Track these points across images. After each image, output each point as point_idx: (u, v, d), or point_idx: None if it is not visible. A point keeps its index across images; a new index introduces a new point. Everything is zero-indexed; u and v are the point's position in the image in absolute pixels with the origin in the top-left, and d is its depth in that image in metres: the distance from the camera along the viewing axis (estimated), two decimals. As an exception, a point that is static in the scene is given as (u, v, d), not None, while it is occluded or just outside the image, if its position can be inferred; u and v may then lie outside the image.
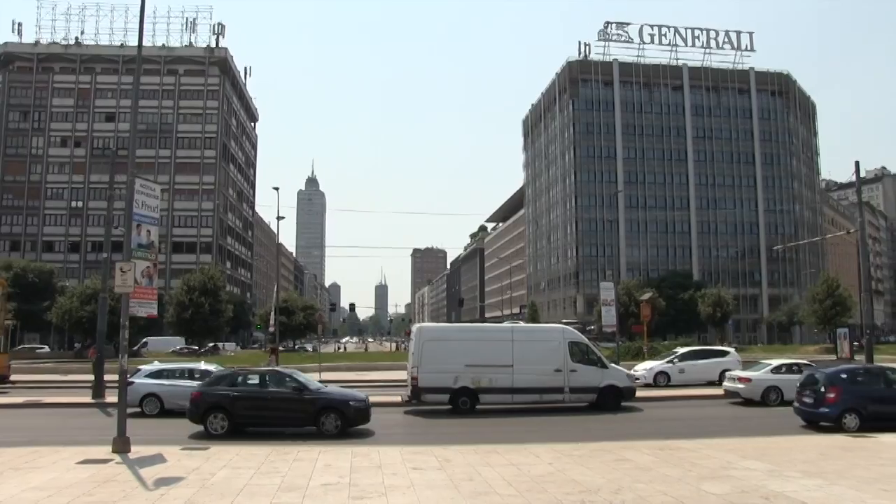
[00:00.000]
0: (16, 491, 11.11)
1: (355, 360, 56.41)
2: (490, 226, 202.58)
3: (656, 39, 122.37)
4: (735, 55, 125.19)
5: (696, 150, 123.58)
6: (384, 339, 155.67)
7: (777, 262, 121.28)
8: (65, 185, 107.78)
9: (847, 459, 13.75)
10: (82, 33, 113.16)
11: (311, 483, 11.69)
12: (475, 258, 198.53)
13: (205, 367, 25.15)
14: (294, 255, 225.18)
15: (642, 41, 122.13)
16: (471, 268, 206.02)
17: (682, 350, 36.74)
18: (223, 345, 78.03)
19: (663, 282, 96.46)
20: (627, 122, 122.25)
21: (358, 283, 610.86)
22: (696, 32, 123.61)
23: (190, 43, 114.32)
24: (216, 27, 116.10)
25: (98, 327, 28.88)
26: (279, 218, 48.48)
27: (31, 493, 10.91)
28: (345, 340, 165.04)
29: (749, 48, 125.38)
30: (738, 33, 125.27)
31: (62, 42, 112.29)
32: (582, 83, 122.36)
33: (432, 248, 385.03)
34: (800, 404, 20.08)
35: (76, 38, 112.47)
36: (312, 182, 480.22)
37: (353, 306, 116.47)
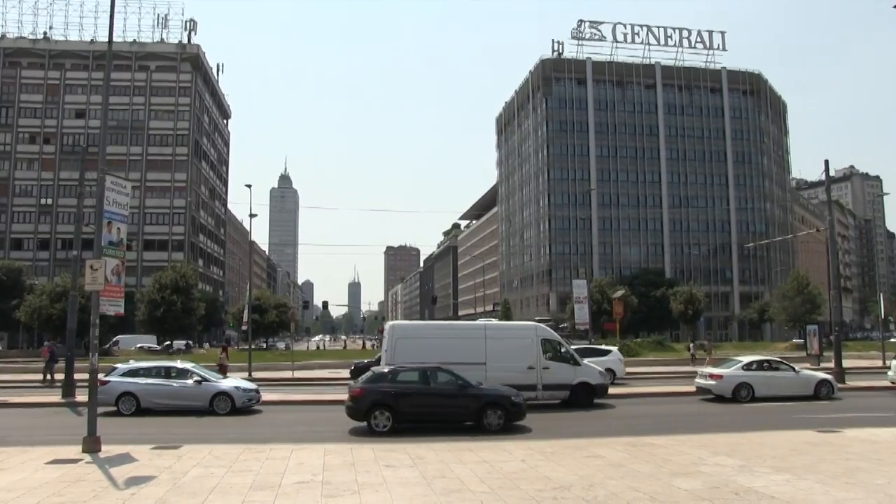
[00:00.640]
0: (-17, 492, 10.94)
1: (327, 359, 56.34)
2: (463, 223, 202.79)
3: (629, 38, 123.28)
4: (707, 54, 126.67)
5: (669, 149, 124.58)
6: (357, 336, 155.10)
7: (748, 260, 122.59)
8: (34, 182, 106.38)
9: (815, 455, 13.94)
10: (51, 28, 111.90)
11: (284, 481, 11.63)
12: (448, 256, 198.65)
13: (181, 365, 24.96)
14: (267, 252, 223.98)
15: (615, 40, 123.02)
16: (444, 265, 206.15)
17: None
18: (173, 342, 73.95)
19: (636, 279, 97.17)
20: (600, 121, 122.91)
21: (331, 281, 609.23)
22: (669, 32, 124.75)
23: (162, 39, 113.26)
24: (188, 23, 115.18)
25: (68, 325, 28.50)
26: (252, 215, 47.94)
27: (-1, 494, 10.76)
28: (318, 338, 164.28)
29: (721, 48, 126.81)
30: (711, 33, 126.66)
31: (30, 37, 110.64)
32: (555, 81, 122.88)
33: (406, 245, 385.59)
34: None
35: (44, 33, 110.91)
36: (285, 179, 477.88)
37: (326, 304, 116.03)
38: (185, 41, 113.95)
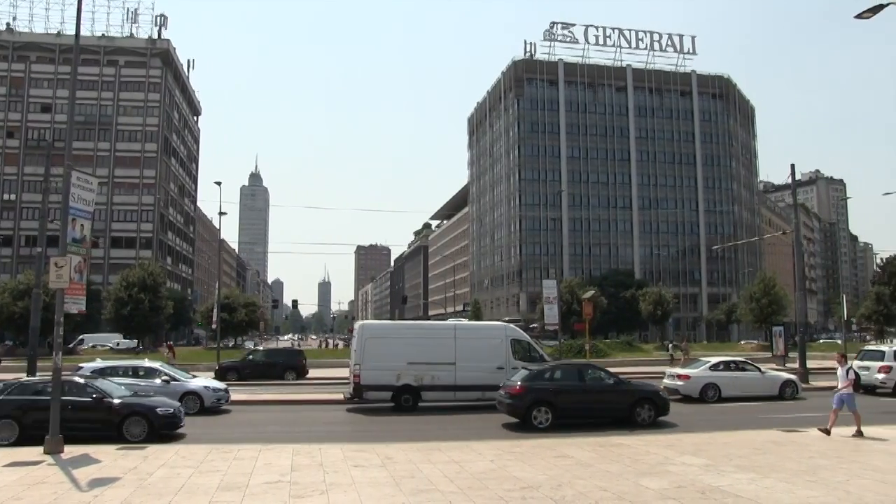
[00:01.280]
0: (-59, 494, 10.72)
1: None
2: (434, 223, 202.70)
3: (601, 40, 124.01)
4: (678, 58, 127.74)
5: (639, 151, 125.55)
6: (327, 336, 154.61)
7: (716, 262, 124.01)
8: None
9: (779, 453, 14.16)
10: (14, 19, 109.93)
11: (252, 482, 11.55)
12: (419, 256, 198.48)
13: (149, 364, 24.72)
14: (236, 251, 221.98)
15: (587, 42, 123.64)
16: (415, 265, 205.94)
17: None
18: (119, 341, 69.56)
19: (605, 280, 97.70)
20: (571, 122, 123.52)
21: (301, 280, 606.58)
22: (640, 34, 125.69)
23: (131, 34, 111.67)
24: (158, 18, 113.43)
25: (31, 323, 28.03)
26: (221, 213, 47.78)
27: (-42, 496, 10.55)
28: (287, 338, 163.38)
29: (691, 51, 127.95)
30: (681, 36, 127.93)
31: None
32: (527, 82, 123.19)
33: (376, 245, 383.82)
34: None
35: (7, 25, 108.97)
36: (256, 177, 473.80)
37: (295, 303, 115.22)
38: (155, 36, 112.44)
